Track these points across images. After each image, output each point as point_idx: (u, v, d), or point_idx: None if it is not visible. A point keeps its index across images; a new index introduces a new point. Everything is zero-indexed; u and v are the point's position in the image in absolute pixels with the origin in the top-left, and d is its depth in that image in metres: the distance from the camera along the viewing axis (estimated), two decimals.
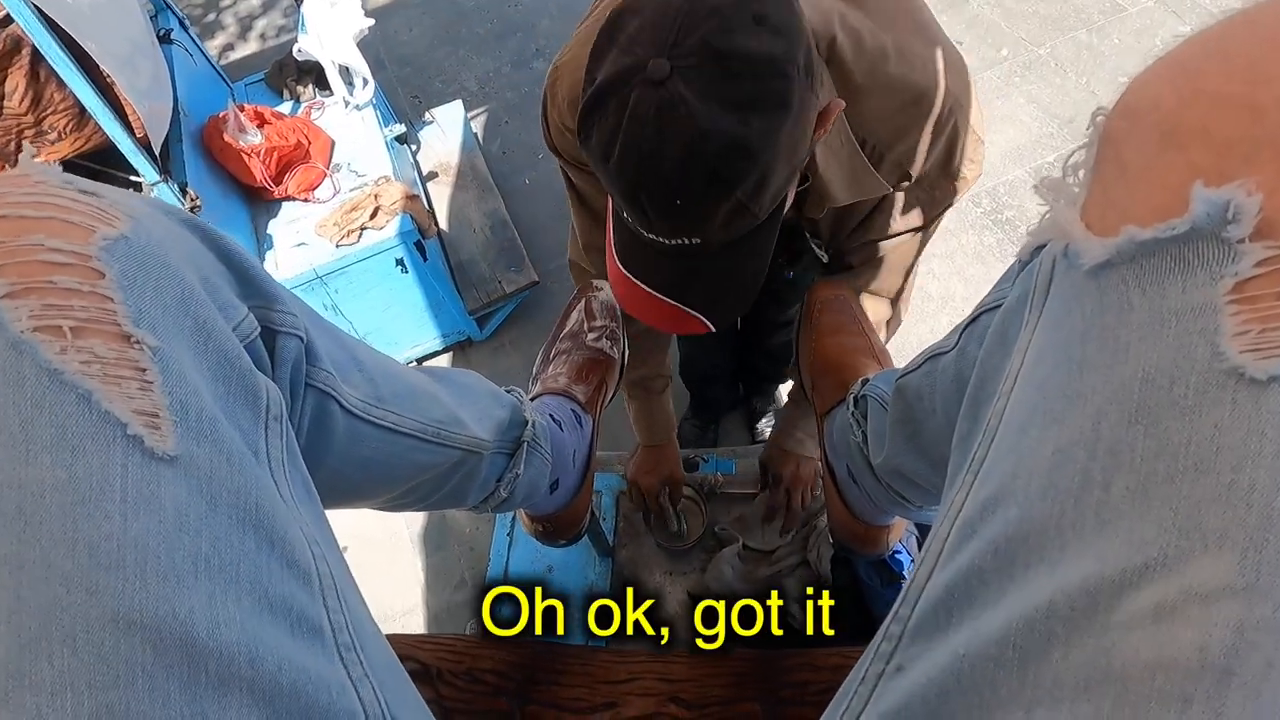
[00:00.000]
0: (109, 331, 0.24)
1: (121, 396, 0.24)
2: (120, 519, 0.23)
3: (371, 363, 0.44)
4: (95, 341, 0.24)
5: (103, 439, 0.23)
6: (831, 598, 0.93)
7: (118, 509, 0.23)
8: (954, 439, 0.33)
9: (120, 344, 0.24)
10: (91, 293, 0.24)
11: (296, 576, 0.27)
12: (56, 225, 0.24)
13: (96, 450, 0.23)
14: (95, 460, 0.23)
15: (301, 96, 1.89)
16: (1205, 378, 0.19)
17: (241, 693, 0.24)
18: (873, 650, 0.27)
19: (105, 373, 0.24)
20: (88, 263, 0.24)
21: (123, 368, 0.24)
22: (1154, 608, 0.19)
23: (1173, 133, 0.21)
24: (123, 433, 0.24)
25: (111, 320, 0.24)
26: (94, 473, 0.23)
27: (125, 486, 0.23)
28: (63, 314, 0.23)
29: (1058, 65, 2.31)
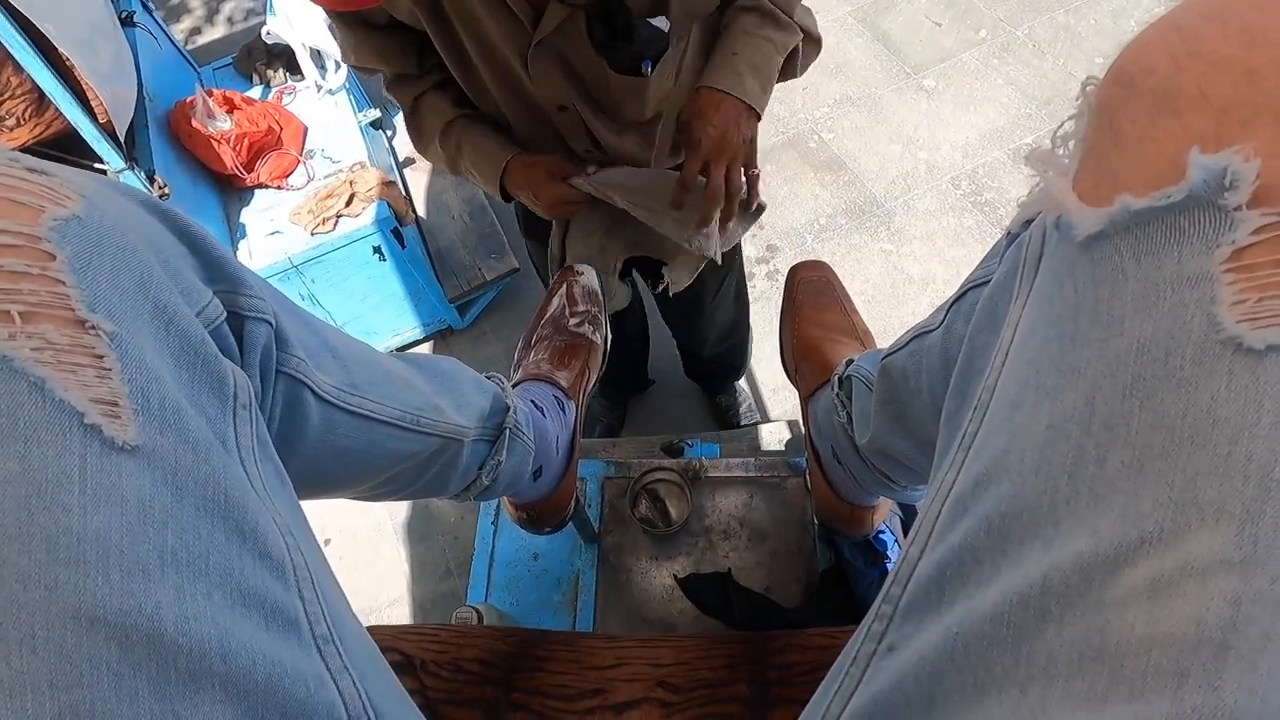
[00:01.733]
0: (61, 316, 0.23)
1: (77, 384, 0.23)
2: (79, 512, 0.22)
3: (345, 349, 0.43)
4: (47, 327, 0.23)
5: (58, 429, 0.22)
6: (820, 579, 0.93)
7: (76, 501, 0.22)
8: (942, 416, 0.33)
9: (74, 329, 0.23)
10: (41, 275, 0.23)
11: (269, 568, 0.27)
12: (2, 205, 0.23)
13: (51, 441, 0.22)
14: (50, 451, 0.22)
15: (272, 81, 1.84)
16: (1201, 348, 0.19)
17: (214, 688, 0.23)
18: (864, 630, 0.27)
19: (59, 359, 0.23)
20: (37, 244, 0.23)
21: (77, 354, 0.23)
22: (1150, 583, 0.19)
23: (1168, 98, 0.20)
24: (79, 422, 0.22)
25: (64, 304, 0.23)
26: (49, 464, 0.22)
27: (84, 478, 0.22)
28: (11, 298, 0.22)
29: (1035, 46, 2.31)
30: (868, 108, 2.24)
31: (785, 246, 2.01)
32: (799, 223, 2.05)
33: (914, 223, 2.01)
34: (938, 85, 2.27)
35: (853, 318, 0.80)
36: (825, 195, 2.09)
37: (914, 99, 2.24)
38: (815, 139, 2.20)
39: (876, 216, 2.03)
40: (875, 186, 2.09)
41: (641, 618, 0.96)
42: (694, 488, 1.04)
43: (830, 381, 0.64)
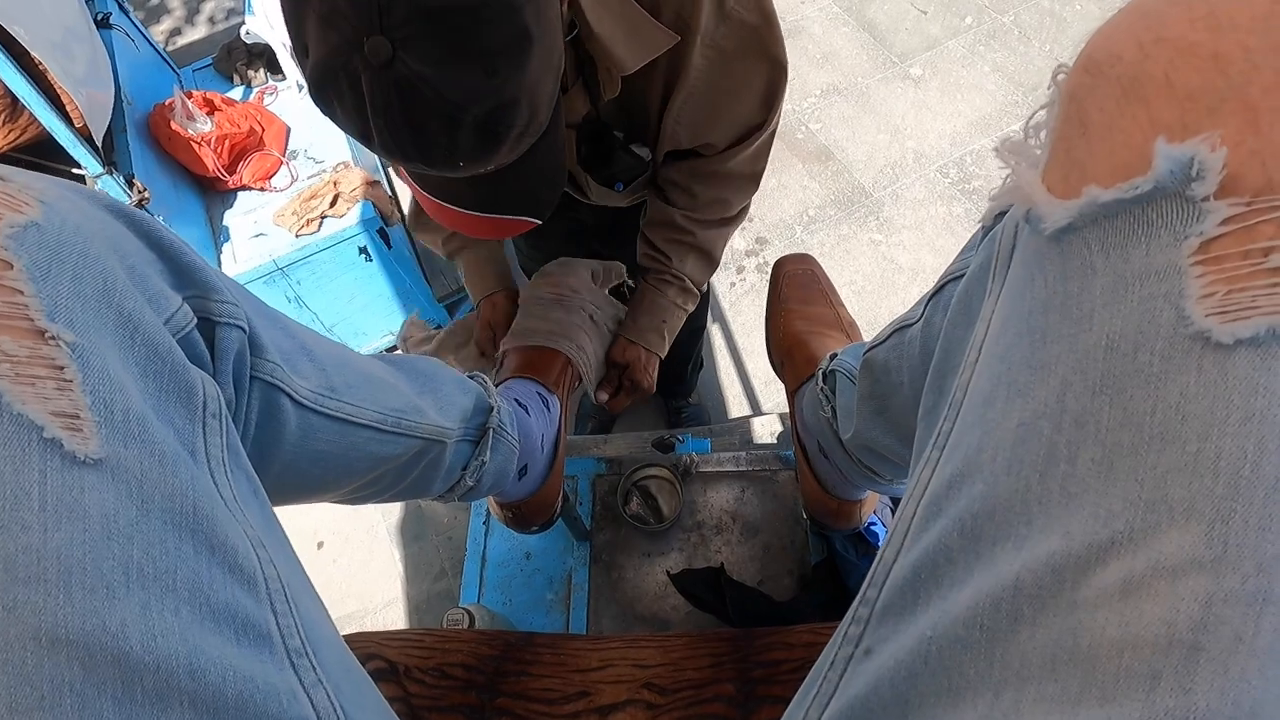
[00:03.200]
0: (19, 327, 0.22)
1: (36, 397, 0.22)
2: (40, 529, 0.21)
3: (322, 351, 0.42)
4: (3, 338, 0.22)
5: (16, 443, 0.21)
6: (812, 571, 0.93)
7: (36, 518, 0.21)
8: (920, 412, 0.33)
9: (33, 340, 0.22)
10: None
11: (240, 581, 0.26)
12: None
13: (9, 456, 0.21)
14: (8, 467, 0.21)
15: (253, 81, 1.82)
16: (1170, 343, 0.18)
17: (183, 706, 0.22)
18: (841, 633, 0.27)
19: (16, 372, 0.22)
20: None
21: (36, 366, 0.22)
22: (1121, 584, 0.18)
23: (1134, 86, 0.20)
24: (39, 436, 0.22)
25: (22, 314, 0.22)
26: (7, 480, 0.21)
27: (44, 494, 0.21)
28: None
29: (1021, 33, 2.31)
30: (855, 97, 2.23)
31: (774, 238, 2.01)
32: (788, 214, 2.05)
33: (902, 212, 2.00)
34: (924, 73, 2.26)
35: (838, 310, 0.80)
36: (814, 186, 2.08)
37: (901, 88, 2.24)
38: (803, 130, 2.19)
39: (865, 206, 2.03)
40: (863, 176, 2.08)
41: (635, 614, 0.96)
42: (685, 483, 1.04)
43: (815, 375, 0.64)
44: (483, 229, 0.61)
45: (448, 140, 0.48)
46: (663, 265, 0.87)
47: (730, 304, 1.91)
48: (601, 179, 0.78)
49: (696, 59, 0.65)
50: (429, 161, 0.50)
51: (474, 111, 0.47)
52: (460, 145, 0.49)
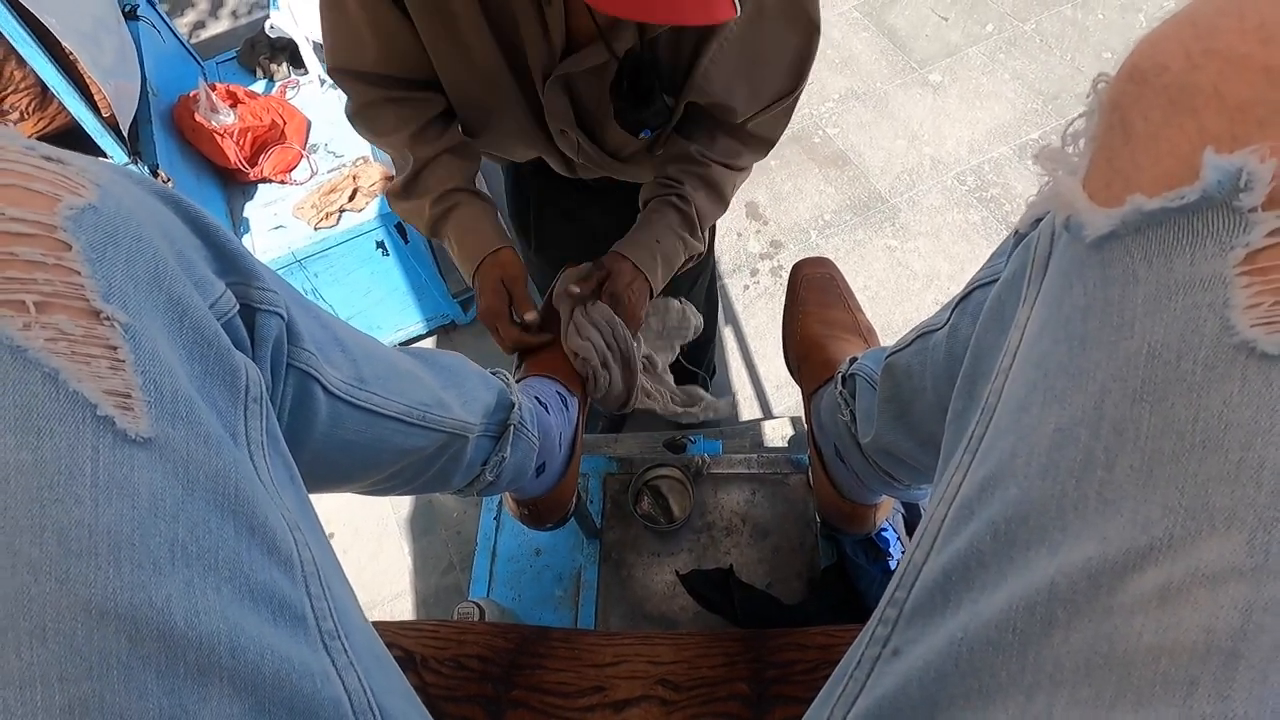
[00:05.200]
0: (76, 307, 0.23)
1: (91, 376, 0.23)
2: (91, 504, 0.22)
3: (354, 343, 0.43)
4: (61, 317, 0.22)
5: (71, 420, 0.22)
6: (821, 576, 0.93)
7: (88, 494, 0.22)
8: (948, 417, 0.33)
9: (89, 320, 0.23)
10: (57, 265, 0.23)
11: (278, 563, 0.27)
12: (18, 193, 0.23)
13: (65, 432, 0.22)
14: (63, 442, 0.22)
15: (275, 75, 1.84)
16: (1214, 352, 0.19)
17: (222, 683, 0.23)
18: (868, 634, 0.27)
19: (73, 350, 0.22)
20: (53, 234, 0.23)
21: (92, 345, 0.23)
22: (1159, 590, 0.18)
23: (1182, 96, 0.20)
24: (93, 414, 0.22)
25: (79, 295, 0.23)
26: (62, 455, 0.22)
27: (96, 470, 0.22)
28: (25, 288, 0.22)
29: (1043, 41, 2.30)
30: (873, 103, 2.23)
31: (789, 242, 2.01)
32: (803, 218, 2.04)
33: (919, 219, 2.00)
34: (944, 80, 2.25)
35: (856, 315, 0.80)
36: (830, 191, 2.08)
37: (920, 94, 2.23)
38: (820, 134, 2.19)
39: (881, 212, 2.02)
40: (880, 182, 2.08)
41: (643, 613, 0.96)
42: (696, 484, 1.04)
43: (833, 379, 0.64)
44: (684, 4, 0.51)
45: None
46: (668, 189, 0.82)
47: (744, 307, 1.91)
48: (631, 122, 0.74)
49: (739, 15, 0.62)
50: None
51: None
52: None
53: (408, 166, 0.77)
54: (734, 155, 0.81)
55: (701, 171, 0.81)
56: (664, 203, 0.82)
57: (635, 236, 0.82)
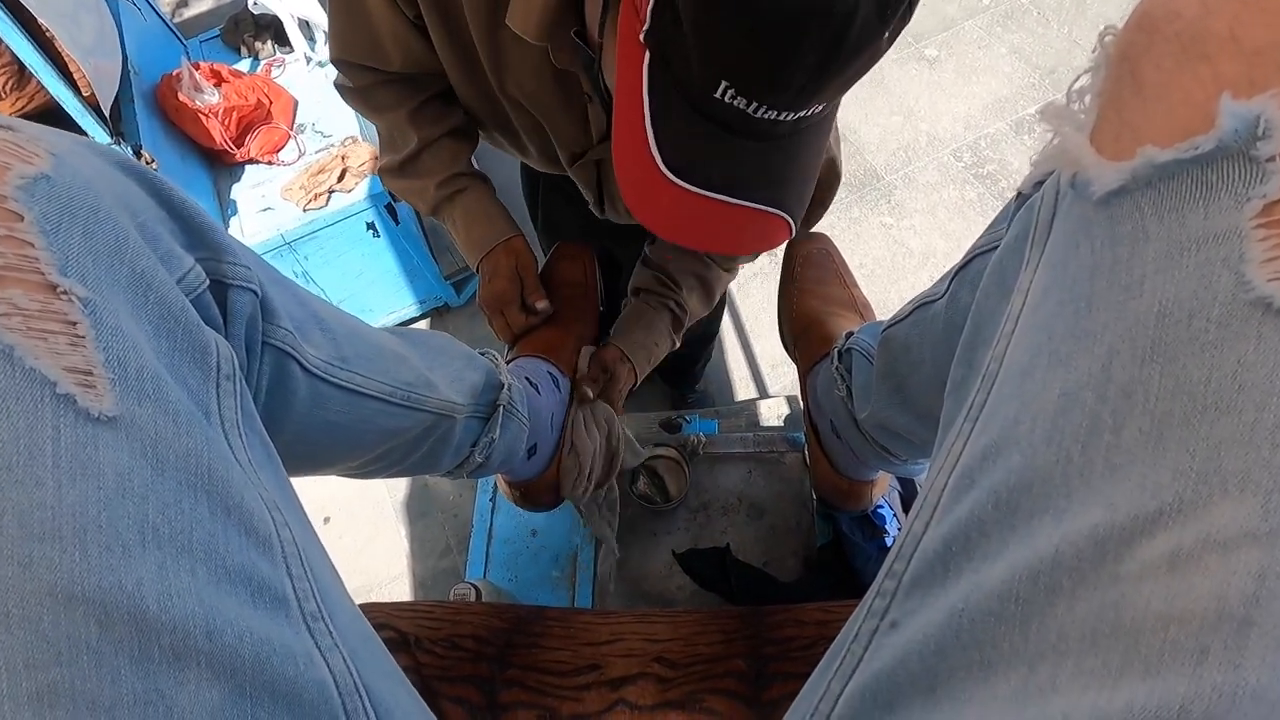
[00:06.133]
0: (31, 281, 0.22)
1: (48, 352, 0.21)
2: (54, 486, 0.21)
3: (334, 321, 0.42)
4: (15, 291, 0.21)
5: (29, 399, 0.21)
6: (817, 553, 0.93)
7: (50, 475, 0.21)
8: (948, 387, 0.32)
9: (44, 294, 0.22)
10: (8, 237, 0.22)
11: (255, 544, 0.26)
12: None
13: (22, 411, 0.21)
14: (21, 422, 0.21)
15: (260, 53, 1.80)
16: (1228, 310, 0.18)
17: (199, 666, 0.22)
18: (866, 606, 0.26)
19: (28, 326, 0.21)
20: (3, 204, 0.22)
21: (48, 320, 0.22)
22: (1168, 556, 0.18)
23: (1196, 42, 0.19)
24: (51, 392, 0.21)
25: (33, 268, 0.22)
26: (20, 436, 0.21)
27: (58, 450, 0.21)
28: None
29: (1040, 14, 2.27)
30: (868, 78, 2.19)
31: None
32: None
33: (914, 195, 1.98)
34: (940, 54, 2.23)
35: (852, 291, 0.79)
36: None
37: (915, 69, 2.20)
38: None
39: (877, 189, 2.01)
40: (875, 159, 2.06)
41: (640, 593, 0.96)
42: (692, 464, 1.03)
43: (829, 355, 0.63)
44: (744, 235, 0.50)
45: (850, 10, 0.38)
46: (668, 292, 0.85)
47: (738, 286, 1.90)
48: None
49: None
50: (819, 32, 0.39)
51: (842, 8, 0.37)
52: (819, 63, 0.40)
53: (406, 145, 0.75)
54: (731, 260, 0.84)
55: (702, 272, 0.83)
56: (663, 306, 0.85)
57: (635, 336, 0.85)
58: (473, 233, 0.77)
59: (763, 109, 0.42)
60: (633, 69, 0.44)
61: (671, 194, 0.45)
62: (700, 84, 0.41)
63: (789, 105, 0.42)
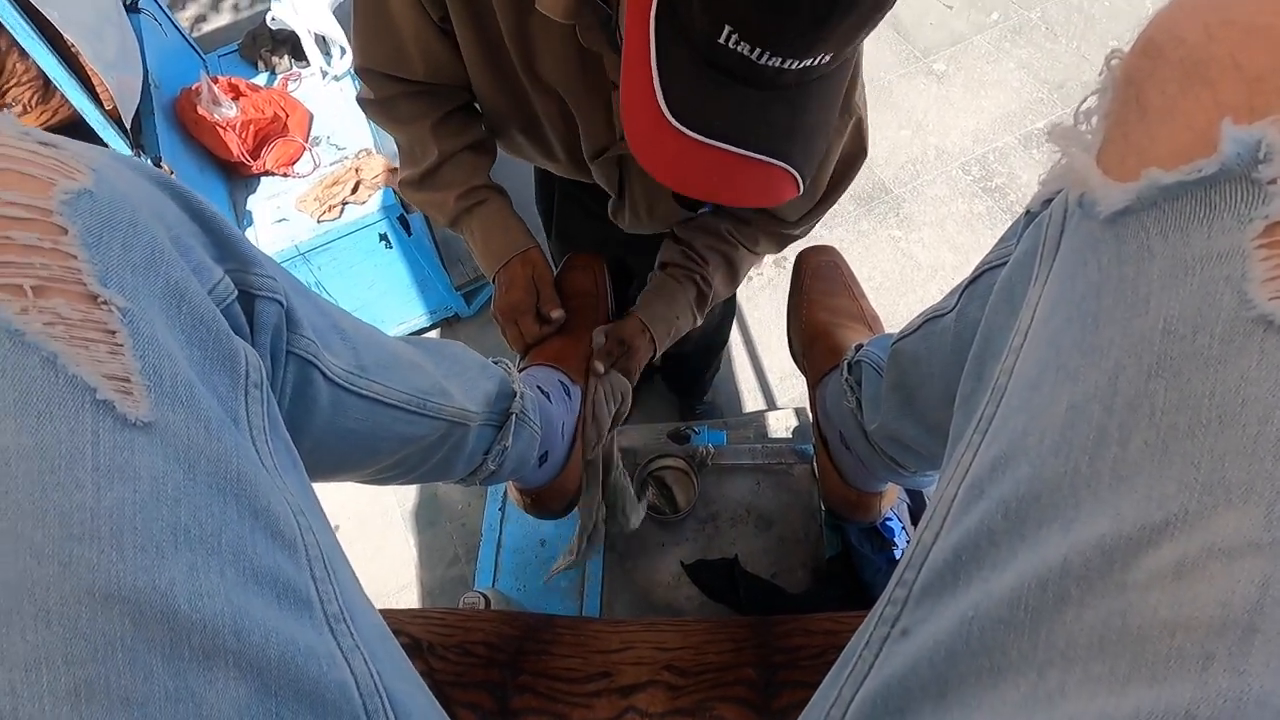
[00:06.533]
0: (73, 291, 0.23)
1: (89, 360, 0.23)
2: (93, 488, 0.22)
3: (354, 331, 0.43)
4: (59, 301, 0.22)
5: (71, 404, 0.22)
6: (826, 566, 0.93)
7: (90, 478, 0.22)
8: (957, 399, 0.33)
9: (86, 304, 0.23)
10: (53, 249, 0.23)
11: (281, 547, 0.27)
12: (12, 177, 0.23)
13: (64, 416, 0.22)
14: (64, 426, 0.22)
15: (277, 68, 1.83)
16: (1231, 326, 0.18)
17: (228, 665, 0.23)
18: (876, 614, 0.27)
19: (71, 334, 0.22)
20: (48, 218, 0.23)
21: (89, 329, 0.23)
22: (1174, 565, 0.18)
23: (1199, 68, 0.19)
24: (92, 398, 0.22)
25: (76, 279, 0.23)
26: (63, 440, 0.22)
27: (97, 454, 0.22)
28: (22, 272, 0.22)
29: (1048, 29, 2.28)
30: (877, 92, 2.21)
31: None
32: None
33: (923, 209, 1.99)
34: (948, 69, 2.24)
35: (861, 303, 0.80)
36: None
37: (924, 83, 2.22)
38: None
39: (885, 203, 2.01)
40: (884, 172, 2.07)
41: (648, 603, 0.97)
42: (700, 474, 1.04)
43: (839, 366, 0.64)
44: (750, 187, 0.49)
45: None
46: (693, 266, 0.83)
47: (746, 298, 1.90)
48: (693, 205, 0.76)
49: None
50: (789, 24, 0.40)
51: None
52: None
53: (427, 158, 0.76)
54: (755, 243, 0.83)
55: (727, 251, 0.83)
56: (688, 279, 0.84)
57: (656, 309, 0.84)
58: (491, 244, 0.79)
59: (766, 55, 0.42)
60: (640, 17, 0.44)
61: (675, 141, 0.46)
62: (704, 29, 0.42)
63: (793, 52, 0.42)
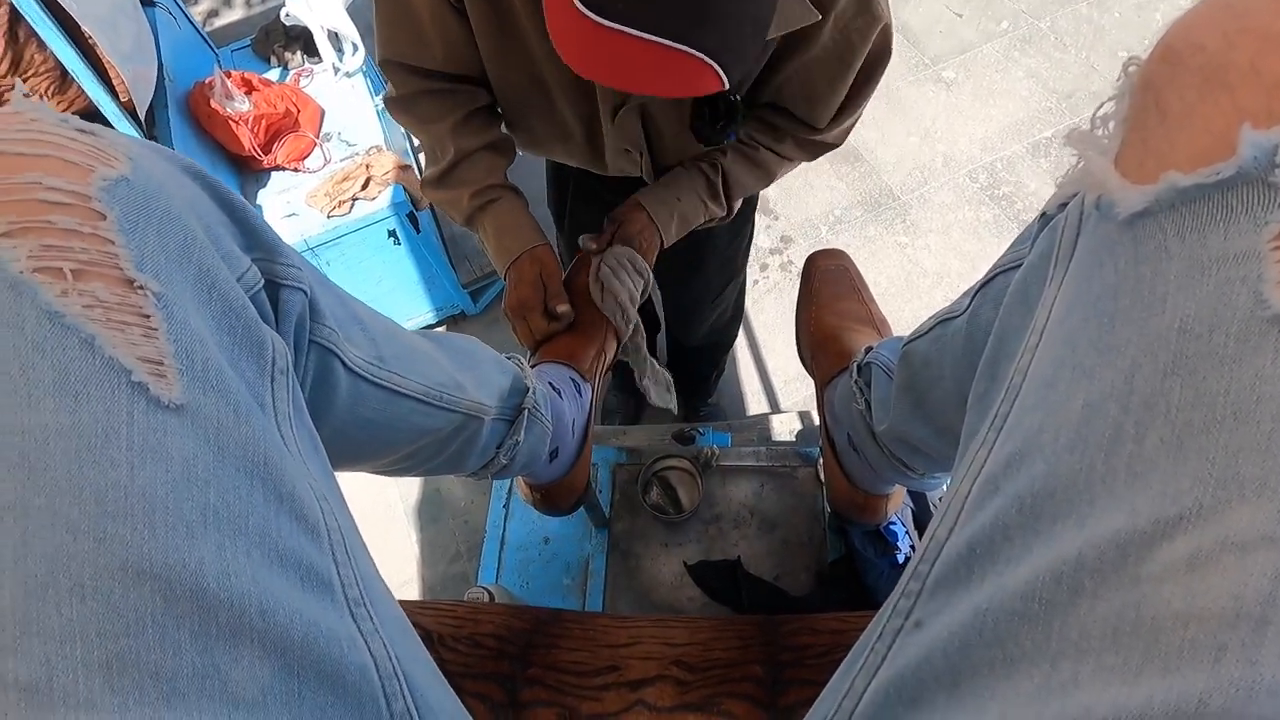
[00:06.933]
0: (111, 275, 0.23)
1: (125, 342, 0.23)
2: (127, 467, 0.22)
3: (373, 322, 0.43)
4: (97, 285, 0.23)
5: (107, 385, 0.23)
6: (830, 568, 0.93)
7: (124, 457, 0.22)
8: (970, 399, 0.33)
9: (123, 288, 0.24)
10: (92, 234, 0.23)
11: (305, 530, 0.27)
12: (54, 163, 0.23)
13: (100, 397, 0.22)
14: (100, 407, 0.22)
15: (289, 63, 1.85)
16: (1246, 326, 0.19)
17: (253, 644, 0.24)
18: (890, 607, 0.27)
19: (108, 317, 0.23)
20: (88, 203, 0.24)
21: (126, 313, 0.23)
22: (1187, 558, 0.19)
23: (1218, 74, 0.20)
24: (127, 380, 0.23)
25: (113, 264, 0.24)
26: (99, 419, 0.22)
27: (131, 434, 0.23)
28: (63, 255, 0.23)
29: (1058, 39, 2.28)
30: (885, 99, 2.22)
31: (799, 238, 2.00)
32: (814, 214, 2.04)
33: (930, 216, 1.99)
34: (957, 77, 2.24)
35: (870, 307, 0.80)
36: (841, 187, 2.08)
37: (933, 91, 2.22)
38: None
39: (892, 209, 2.02)
40: (891, 179, 2.07)
41: (650, 603, 0.97)
42: (705, 476, 1.04)
43: (848, 369, 0.64)
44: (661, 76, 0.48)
45: None
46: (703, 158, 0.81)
47: (753, 301, 1.91)
48: (708, 136, 0.74)
49: (825, 38, 0.64)
50: None
51: None
52: None
53: (445, 157, 0.78)
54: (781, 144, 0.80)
55: (747, 151, 0.80)
56: (693, 166, 0.81)
57: (655, 190, 0.82)
58: (502, 241, 0.80)
59: None
60: None
61: (585, 28, 0.46)
62: None
63: None
